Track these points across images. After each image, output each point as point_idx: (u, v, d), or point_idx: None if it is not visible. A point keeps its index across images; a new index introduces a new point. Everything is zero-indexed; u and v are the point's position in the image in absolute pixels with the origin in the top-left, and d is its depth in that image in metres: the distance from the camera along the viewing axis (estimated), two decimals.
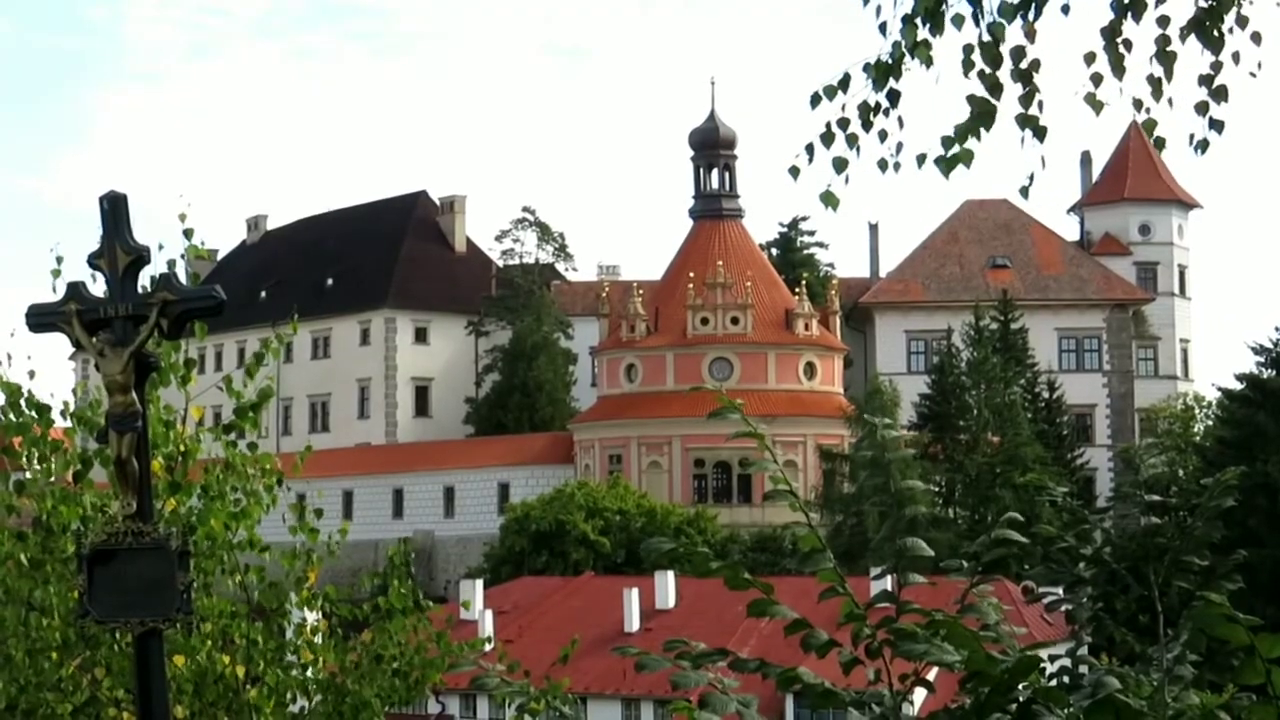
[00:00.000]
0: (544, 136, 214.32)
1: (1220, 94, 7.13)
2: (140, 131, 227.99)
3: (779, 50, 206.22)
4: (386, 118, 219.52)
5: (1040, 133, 7.01)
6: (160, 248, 6.36)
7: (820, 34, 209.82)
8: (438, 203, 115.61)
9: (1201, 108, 7.16)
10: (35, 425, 11.71)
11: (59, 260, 9.49)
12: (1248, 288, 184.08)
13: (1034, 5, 6.82)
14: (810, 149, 6.98)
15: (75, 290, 5.85)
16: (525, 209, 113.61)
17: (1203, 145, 7.27)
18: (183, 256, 13.01)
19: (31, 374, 11.83)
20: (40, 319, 5.91)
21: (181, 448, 11.41)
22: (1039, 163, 7.15)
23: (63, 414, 11.75)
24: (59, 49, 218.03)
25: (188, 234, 12.51)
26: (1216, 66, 7.07)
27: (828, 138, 6.97)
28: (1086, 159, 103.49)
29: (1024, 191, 7.52)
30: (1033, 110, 6.96)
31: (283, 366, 15.55)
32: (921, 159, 7.00)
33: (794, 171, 7.20)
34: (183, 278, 7.58)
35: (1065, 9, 6.92)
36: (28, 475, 11.86)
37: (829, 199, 7.19)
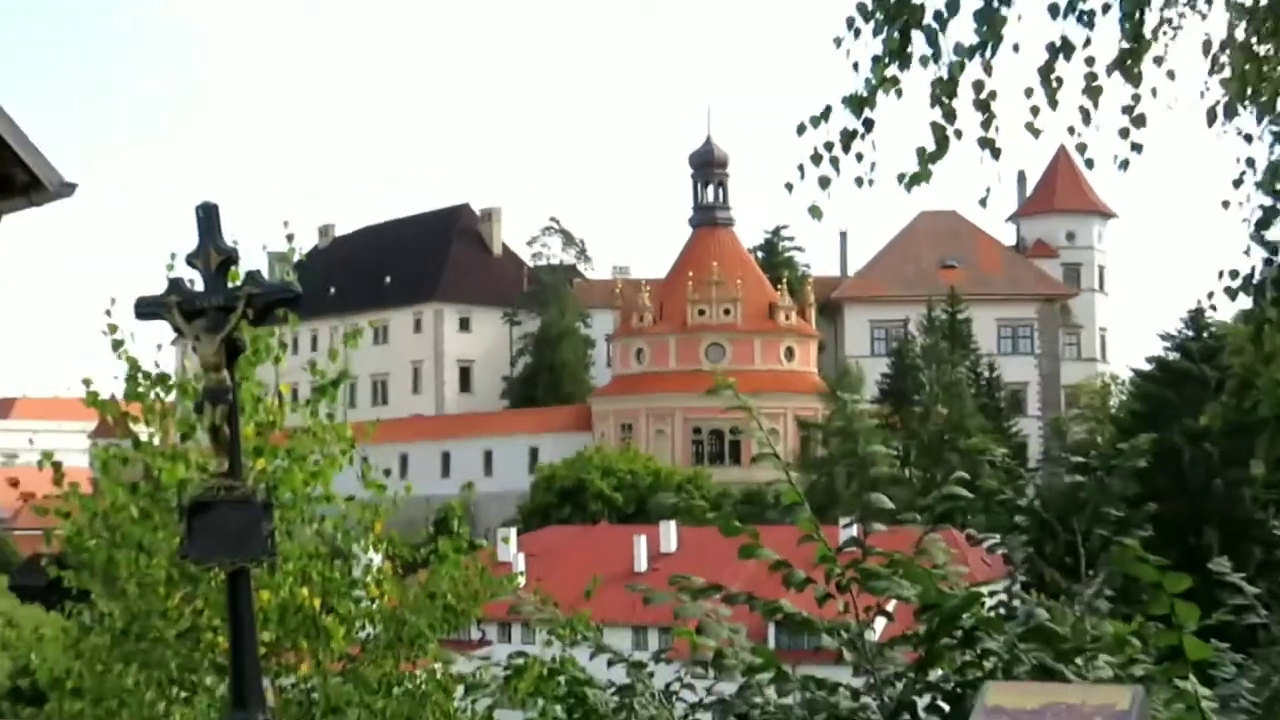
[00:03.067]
0: (567, 159, 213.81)
1: (1139, 121, 7.13)
2: (230, 150, 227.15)
3: (764, 84, 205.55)
4: (434, 143, 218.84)
5: (996, 153, 7.01)
6: (236, 262, 6.34)
7: (800, 70, 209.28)
8: (478, 213, 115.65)
9: (1123, 132, 7.16)
10: (153, 394, 11.83)
11: (172, 257, 9.51)
12: (1156, 284, 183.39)
13: (991, 45, 6.81)
14: (801, 169, 6.98)
15: (175, 285, 5.86)
16: (552, 219, 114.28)
17: (1124, 164, 7.27)
18: (283, 258, 13.70)
19: (159, 346, 11.95)
20: (146, 309, 5.92)
21: (270, 418, 11.48)
22: (995, 178, 7.16)
23: (170, 388, 11.83)
24: (159, 91, 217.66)
25: (290, 238, 13.49)
26: (1136, 98, 7.06)
27: (816, 159, 6.97)
28: (1022, 177, 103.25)
29: (982, 202, 7.53)
30: (990, 134, 6.95)
31: (349, 351, 15.73)
32: (902, 178, 7.01)
33: (789, 187, 7.20)
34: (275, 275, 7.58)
35: (1015, 47, 6.91)
36: (143, 437, 11.92)
37: (815, 211, 7.20)
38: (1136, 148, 7.21)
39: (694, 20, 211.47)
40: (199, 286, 5.80)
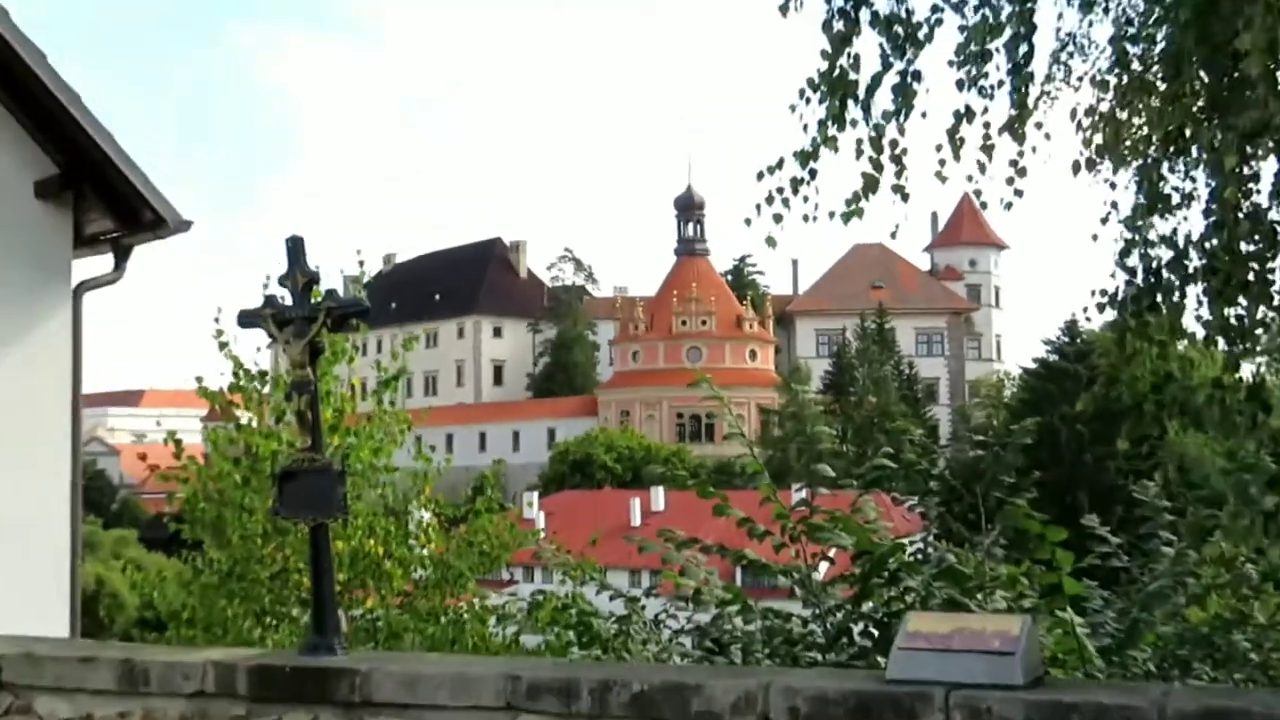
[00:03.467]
0: (579, 202, 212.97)
1: (1022, 172, 7.15)
2: (311, 201, 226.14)
3: (732, 141, 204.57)
4: (474, 189, 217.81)
5: (906, 197, 7.03)
6: (316, 286, 6.32)
7: (759, 129, 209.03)
8: (508, 244, 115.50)
9: (1009, 180, 7.18)
10: (254, 387, 11.87)
11: (267, 278, 9.56)
12: (1040, 301, 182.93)
13: (904, 111, 6.83)
14: (759, 208, 6.99)
15: (269, 300, 5.84)
16: (566, 249, 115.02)
17: (1009, 205, 7.31)
18: (355, 279, 14.00)
19: (259, 349, 12.00)
20: (246, 319, 5.90)
21: (344, 405, 11.49)
22: (904, 217, 7.19)
23: (266, 381, 11.86)
24: (257, 153, 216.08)
25: (361, 264, 14.37)
26: (1020, 154, 7.09)
27: (770, 200, 6.97)
28: (935, 216, 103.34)
29: (893, 235, 7.58)
30: (902, 181, 6.97)
31: (406, 353, 15.92)
32: (832, 214, 7.03)
33: (748, 222, 7.22)
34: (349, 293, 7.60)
35: (924, 115, 6.92)
36: (244, 420, 11.93)
37: (770, 241, 7.23)
38: (1019, 193, 7.26)
39: (678, 99, 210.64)
40: (288, 301, 5.79)
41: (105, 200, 9.54)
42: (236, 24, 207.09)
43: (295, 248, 5.79)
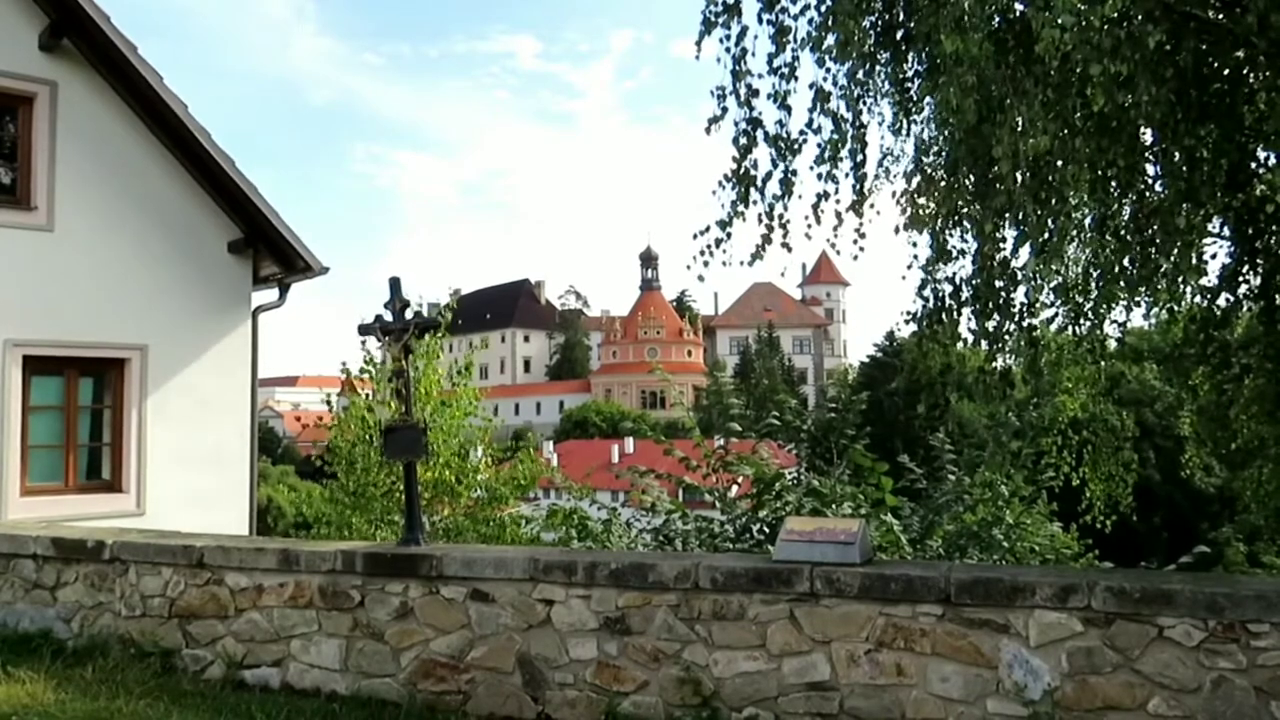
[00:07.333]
0: (580, 253, 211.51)
1: (862, 234, 7.16)
2: (408, 253, 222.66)
3: (679, 213, 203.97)
4: (511, 244, 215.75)
5: (789, 249, 7.07)
6: (416, 302, 6.21)
7: (695, 204, 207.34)
8: (533, 282, 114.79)
9: (854, 241, 7.20)
10: (371, 373, 11.75)
11: (382, 305, 9.48)
12: (870, 318, 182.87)
13: (786, 196, 6.84)
14: (695, 257, 6.99)
15: (378, 317, 5.79)
16: (570, 285, 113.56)
17: (855, 257, 7.33)
18: (441, 305, 13.88)
19: (370, 349, 11.85)
20: (363, 329, 5.85)
21: (429, 387, 11.38)
22: (786, 265, 7.23)
23: (378, 369, 11.72)
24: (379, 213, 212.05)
25: (449, 296, 13.64)
26: (861, 223, 7.09)
27: (701, 252, 6.96)
28: (804, 265, 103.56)
29: (782, 274, 7.63)
30: (786, 241, 6.98)
31: (470, 353, 16.14)
32: (742, 262, 7.05)
33: (688, 267, 7.25)
34: (427, 312, 7.55)
35: (800, 196, 6.90)
36: (366, 394, 11.79)
37: (700, 279, 7.29)
38: (861, 249, 7.27)
39: (646, 188, 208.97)
40: (389, 318, 5.73)
41: (273, 254, 9.45)
42: (360, 144, 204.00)
43: (395, 284, 5.73)
